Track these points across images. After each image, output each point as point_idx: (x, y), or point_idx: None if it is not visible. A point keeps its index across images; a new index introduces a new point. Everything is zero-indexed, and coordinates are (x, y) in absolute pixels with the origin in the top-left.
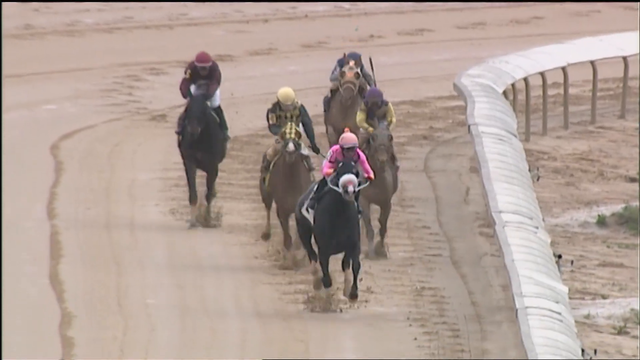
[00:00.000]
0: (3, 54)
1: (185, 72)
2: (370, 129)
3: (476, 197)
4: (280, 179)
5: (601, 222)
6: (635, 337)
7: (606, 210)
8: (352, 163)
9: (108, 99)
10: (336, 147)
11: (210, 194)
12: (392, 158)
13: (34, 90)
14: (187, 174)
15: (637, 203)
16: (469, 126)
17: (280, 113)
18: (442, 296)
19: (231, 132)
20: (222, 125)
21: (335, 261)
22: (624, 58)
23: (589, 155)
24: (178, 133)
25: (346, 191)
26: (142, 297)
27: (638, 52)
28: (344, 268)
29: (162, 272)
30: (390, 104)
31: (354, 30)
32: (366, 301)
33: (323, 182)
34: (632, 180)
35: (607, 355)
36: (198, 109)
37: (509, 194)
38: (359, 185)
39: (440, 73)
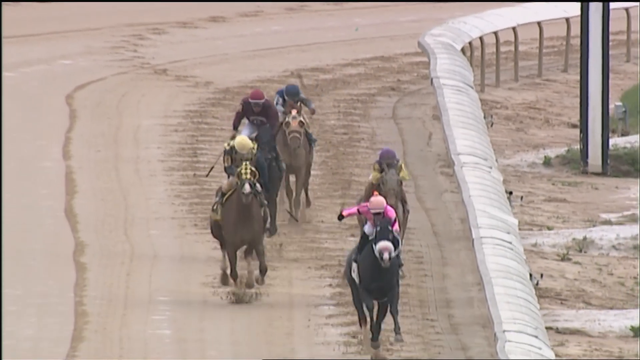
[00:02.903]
0: (24, 16)
1: (240, 107)
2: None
3: (438, 141)
4: (233, 213)
5: (547, 162)
6: (576, 262)
7: (551, 152)
8: (389, 227)
9: (116, 55)
10: (367, 204)
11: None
12: (403, 202)
13: (52, 47)
14: None
15: (578, 146)
16: (431, 79)
17: (236, 156)
18: (408, 227)
19: (224, 84)
20: (278, 158)
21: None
22: (567, 19)
23: (536, 104)
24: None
25: (382, 258)
26: (147, 227)
27: (579, 13)
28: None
29: (164, 206)
30: (402, 163)
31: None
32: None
33: (364, 236)
34: (574, 126)
35: (552, 278)
36: (267, 136)
37: (467, 138)
38: (396, 251)
39: (407, 32)
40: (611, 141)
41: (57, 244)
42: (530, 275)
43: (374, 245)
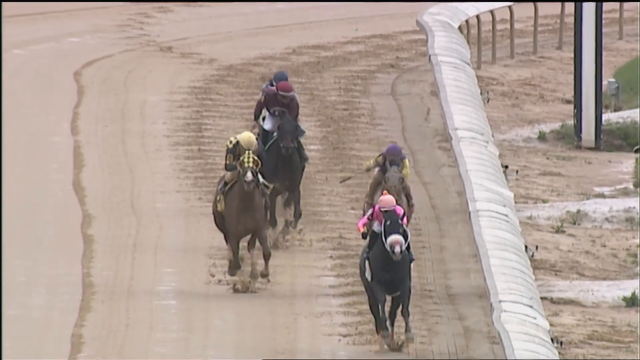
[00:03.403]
0: None
1: (263, 96)
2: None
3: (435, 116)
4: (236, 202)
5: (542, 137)
6: (570, 235)
7: (546, 127)
8: (399, 221)
9: (123, 32)
10: (376, 207)
11: (297, 216)
12: (408, 197)
13: (61, 25)
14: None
15: (572, 121)
16: (429, 56)
17: (239, 153)
18: None
19: (228, 61)
20: (301, 149)
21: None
22: None
23: (531, 80)
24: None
25: (393, 251)
26: (152, 201)
27: None
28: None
29: (170, 179)
30: (406, 159)
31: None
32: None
33: (373, 235)
34: (568, 102)
35: (547, 250)
36: (291, 126)
37: (464, 114)
38: (406, 244)
39: (405, 11)
40: (604, 116)
41: (66, 217)
42: (526, 247)
43: (384, 240)
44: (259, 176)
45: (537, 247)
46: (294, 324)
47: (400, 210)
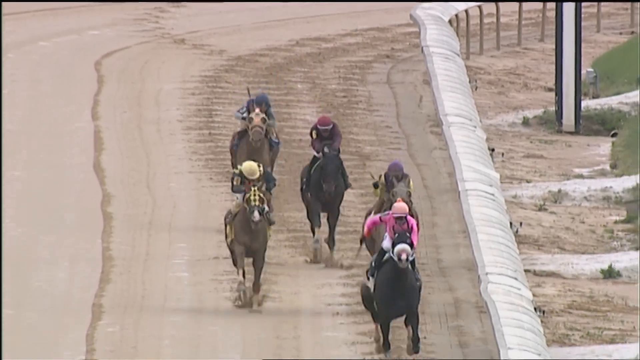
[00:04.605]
0: None
1: (311, 134)
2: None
3: (428, 103)
4: (242, 228)
5: (525, 122)
6: (552, 212)
7: (529, 113)
8: (407, 233)
9: (139, 26)
10: (390, 213)
11: (332, 237)
12: (412, 216)
13: (81, 20)
14: (311, 211)
15: (554, 108)
16: (422, 48)
17: (245, 180)
18: None
19: (236, 53)
20: (343, 171)
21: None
22: None
23: (516, 70)
24: (305, 182)
25: (400, 259)
26: (167, 181)
27: None
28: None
29: (183, 161)
30: (409, 177)
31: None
32: None
33: (381, 251)
34: (550, 90)
35: (530, 226)
36: (333, 167)
37: (453, 101)
38: (413, 255)
39: (400, 6)
40: (583, 103)
41: (87, 196)
42: (511, 223)
43: (391, 251)
44: (265, 209)
45: (521, 224)
46: (295, 279)
47: (413, 222)
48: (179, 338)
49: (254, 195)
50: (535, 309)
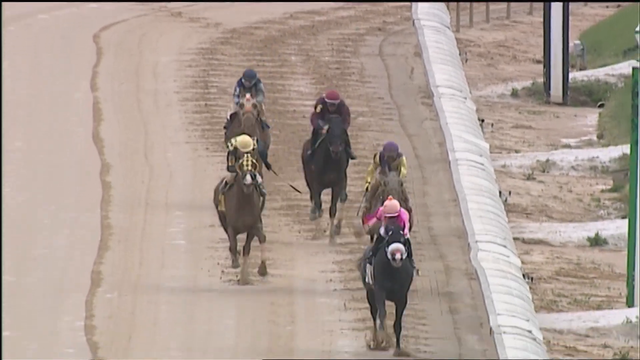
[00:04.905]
0: None
1: (315, 107)
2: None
3: (419, 75)
4: (235, 202)
5: (514, 94)
6: (540, 181)
7: (518, 85)
8: (401, 232)
9: None
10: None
11: (335, 207)
12: (405, 200)
13: None
14: (312, 189)
15: (542, 79)
16: (413, 21)
17: (238, 155)
18: None
19: (231, 25)
20: (348, 148)
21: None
22: None
23: (505, 43)
24: (309, 154)
25: (394, 259)
26: (164, 151)
27: None
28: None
29: (179, 132)
30: (403, 157)
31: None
32: None
33: (378, 239)
34: (538, 62)
35: (519, 195)
36: (339, 129)
37: (444, 73)
38: (407, 253)
39: None
40: (571, 75)
41: (86, 165)
42: (500, 192)
43: (386, 248)
44: (257, 177)
45: (510, 193)
46: (289, 247)
47: (405, 216)
48: (176, 304)
49: (247, 160)
50: (523, 275)
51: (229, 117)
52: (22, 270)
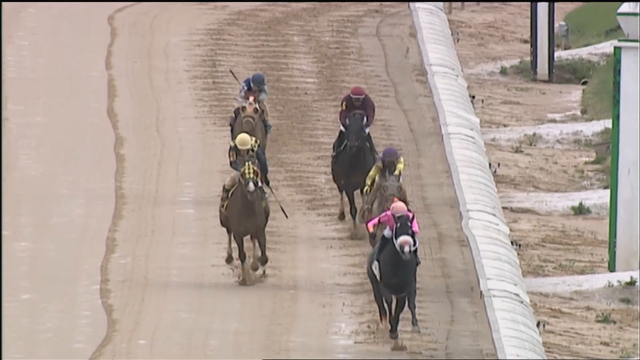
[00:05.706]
0: None
1: (342, 105)
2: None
3: (414, 54)
4: (238, 207)
5: (503, 72)
6: (527, 154)
7: (507, 63)
8: (409, 224)
9: None
10: (388, 212)
11: (355, 208)
12: (405, 204)
13: None
14: (340, 190)
15: (529, 58)
16: (408, 3)
17: (239, 152)
18: (389, 125)
19: (237, 7)
20: (372, 149)
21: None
22: None
23: (494, 24)
24: (334, 155)
25: (402, 251)
26: (174, 125)
27: None
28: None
29: (189, 107)
30: (401, 158)
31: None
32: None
33: (384, 238)
34: (525, 42)
35: (507, 167)
36: (356, 126)
37: (437, 52)
38: (415, 245)
39: None
40: (556, 54)
41: (101, 139)
42: (490, 164)
43: (394, 240)
44: (259, 183)
45: (499, 165)
46: (292, 216)
47: (410, 215)
48: (186, 268)
49: (249, 169)
50: (511, 242)
51: (233, 114)
52: (41, 237)
